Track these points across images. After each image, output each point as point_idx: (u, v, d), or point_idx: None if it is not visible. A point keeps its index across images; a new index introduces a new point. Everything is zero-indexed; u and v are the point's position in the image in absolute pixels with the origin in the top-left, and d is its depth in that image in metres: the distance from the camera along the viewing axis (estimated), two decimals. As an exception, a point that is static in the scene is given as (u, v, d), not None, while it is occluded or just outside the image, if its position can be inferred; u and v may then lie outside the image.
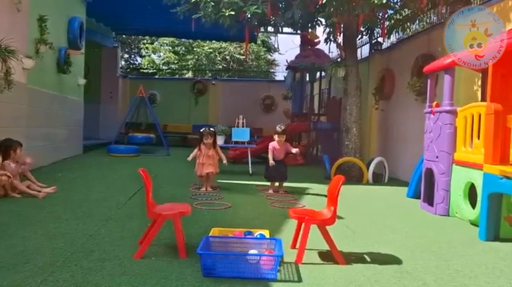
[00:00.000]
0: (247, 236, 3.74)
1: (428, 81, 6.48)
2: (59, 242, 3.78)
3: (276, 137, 7.04)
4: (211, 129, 7.40)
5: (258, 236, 3.79)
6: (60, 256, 3.41)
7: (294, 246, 3.82)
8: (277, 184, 7.14)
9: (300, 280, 3.10)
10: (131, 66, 28.19)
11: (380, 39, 11.15)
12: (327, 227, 3.57)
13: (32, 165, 7.01)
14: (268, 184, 7.18)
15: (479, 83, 6.63)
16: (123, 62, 26.33)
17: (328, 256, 3.57)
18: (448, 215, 5.69)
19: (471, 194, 5.30)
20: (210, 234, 3.69)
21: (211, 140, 7.15)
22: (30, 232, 4.07)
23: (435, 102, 6.14)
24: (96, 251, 3.57)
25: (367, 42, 12.05)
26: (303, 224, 3.64)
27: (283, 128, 7.10)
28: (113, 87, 18.80)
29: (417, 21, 9.35)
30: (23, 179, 6.27)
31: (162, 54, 28.30)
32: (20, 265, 3.16)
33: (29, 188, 6.02)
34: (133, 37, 27.52)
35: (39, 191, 5.97)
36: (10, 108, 7.23)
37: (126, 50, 28.26)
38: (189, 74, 25.99)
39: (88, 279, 2.94)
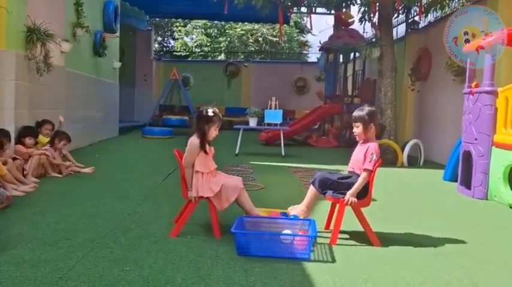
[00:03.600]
0: (281, 217, 3.75)
1: (468, 60, 6.27)
2: (98, 220, 3.91)
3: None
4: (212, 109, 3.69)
5: (292, 216, 3.81)
6: (99, 233, 3.52)
7: (327, 227, 3.82)
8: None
9: (333, 261, 3.11)
10: (164, 49, 28.44)
11: (417, 18, 10.83)
12: (362, 209, 3.56)
13: (71, 147, 7.23)
14: (302, 165, 7.03)
15: (522, 62, 6.39)
16: (156, 45, 26.59)
17: (363, 238, 3.55)
18: (487, 199, 5.55)
19: (511, 177, 5.14)
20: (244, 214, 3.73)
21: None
22: (70, 210, 4.21)
23: (474, 83, 5.95)
24: (133, 229, 3.67)
25: (403, 22, 11.73)
26: (337, 206, 3.63)
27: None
28: (147, 70, 19.05)
29: (456, -1, 9.02)
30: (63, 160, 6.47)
31: (194, 36, 28.42)
32: (62, 241, 3.29)
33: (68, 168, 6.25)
34: (166, 20, 27.70)
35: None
36: (49, 91, 7.44)
37: (160, 32, 28.50)
38: (222, 56, 26.03)
39: (126, 255, 3.03)
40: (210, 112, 3.65)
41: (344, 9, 12.40)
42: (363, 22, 10.05)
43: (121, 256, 3.02)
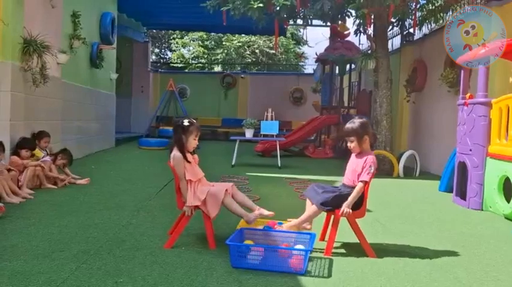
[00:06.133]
0: (282, 230, 3.68)
1: (462, 72, 6.33)
2: (93, 231, 3.89)
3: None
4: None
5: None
6: (93, 244, 3.50)
7: (322, 238, 3.81)
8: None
9: (328, 272, 3.10)
10: (162, 60, 28.54)
11: (411, 30, 10.94)
12: (357, 220, 3.55)
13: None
14: (298, 177, 7.00)
15: (516, 74, 6.44)
16: (153, 57, 26.68)
17: (358, 249, 3.55)
18: (482, 210, 5.55)
19: (506, 188, 5.16)
20: (238, 226, 3.71)
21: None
22: (65, 222, 4.20)
23: (469, 94, 5.99)
24: (127, 240, 3.66)
25: (398, 34, 11.83)
26: (332, 217, 3.62)
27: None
28: (143, 82, 19.10)
29: (450, 11, 9.11)
30: (59, 171, 6.45)
31: (191, 48, 28.54)
32: (56, 252, 3.27)
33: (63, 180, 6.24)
34: (163, 32, 27.83)
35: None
36: (46, 102, 7.44)
37: (157, 44, 28.62)
38: (219, 68, 26.13)
39: (120, 267, 3.02)
40: (186, 122, 3.69)
41: (339, 22, 12.51)
42: (359, 34, 10.14)
43: (115, 267, 3.01)
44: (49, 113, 7.63)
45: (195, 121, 3.75)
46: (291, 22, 11.88)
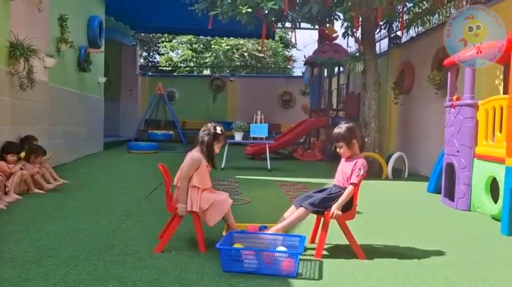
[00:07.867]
0: (271, 232, 3.67)
1: (449, 74, 6.40)
2: (82, 236, 3.86)
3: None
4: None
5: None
6: (82, 250, 3.47)
7: (313, 241, 3.82)
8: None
9: (319, 275, 3.10)
10: (150, 64, 28.43)
11: (399, 33, 11.04)
12: (347, 222, 3.57)
13: (54, 162, 7.15)
14: (288, 179, 7.00)
15: (501, 76, 6.52)
16: (142, 60, 26.57)
17: (348, 251, 3.56)
18: (470, 210, 5.61)
19: (493, 188, 5.22)
20: (224, 231, 3.70)
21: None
22: (53, 227, 4.16)
23: (456, 96, 6.05)
24: (117, 245, 3.63)
25: (386, 36, 11.93)
26: (322, 219, 3.63)
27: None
28: (132, 85, 19.01)
29: (436, 14, 9.21)
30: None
31: (180, 51, 28.47)
32: (44, 258, 3.24)
33: (44, 177, 6.16)
34: (151, 35, 27.73)
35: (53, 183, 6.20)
36: (33, 106, 7.37)
37: (145, 48, 28.50)
38: (207, 71, 26.11)
39: (110, 272, 2.99)
40: (219, 130, 3.72)
41: (328, 25, 12.58)
42: (347, 37, 10.20)
43: (104, 273, 2.99)
44: (36, 117, 7.56)
45: (224, 131, 3.81)
46: (279, 25, 11.91)
